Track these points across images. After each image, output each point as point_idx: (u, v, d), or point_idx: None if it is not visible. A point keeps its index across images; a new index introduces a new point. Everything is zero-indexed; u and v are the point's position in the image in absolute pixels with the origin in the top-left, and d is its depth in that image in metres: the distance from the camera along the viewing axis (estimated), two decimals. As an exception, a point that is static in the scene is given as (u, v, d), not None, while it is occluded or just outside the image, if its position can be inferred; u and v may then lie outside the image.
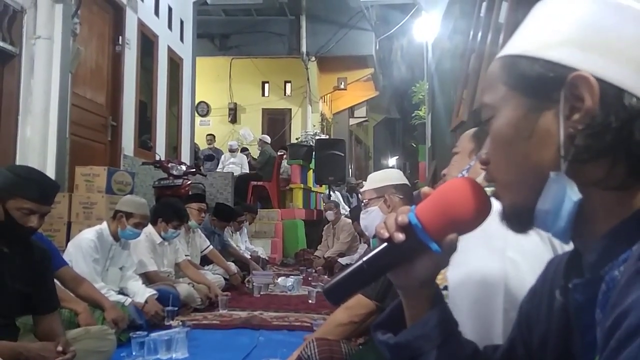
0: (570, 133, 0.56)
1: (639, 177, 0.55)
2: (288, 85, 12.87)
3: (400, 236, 0.67)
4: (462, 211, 0.67)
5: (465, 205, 0.67)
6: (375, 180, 2.29)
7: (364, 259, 0.71)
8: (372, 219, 2.20)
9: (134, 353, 2.60)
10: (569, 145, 0.56)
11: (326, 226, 7.07)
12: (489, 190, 0.67)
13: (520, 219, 0.63)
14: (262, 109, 12.83)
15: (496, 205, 0.67)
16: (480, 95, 0.88)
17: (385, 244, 0.69)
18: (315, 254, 6.85)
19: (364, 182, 7.92)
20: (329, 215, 6.73)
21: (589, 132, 0.55)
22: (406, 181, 2.30)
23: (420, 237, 0.68)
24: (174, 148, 7.56)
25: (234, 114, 12.68)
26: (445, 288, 1.04)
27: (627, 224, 0.55)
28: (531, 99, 0.59)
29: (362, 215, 2.32)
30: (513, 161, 0.61)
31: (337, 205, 7.16)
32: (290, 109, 12.83)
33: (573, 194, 0.56)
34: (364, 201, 2.35)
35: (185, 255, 4.47)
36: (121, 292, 3.34)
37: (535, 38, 0.60)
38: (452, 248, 0.69)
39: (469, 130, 1.43)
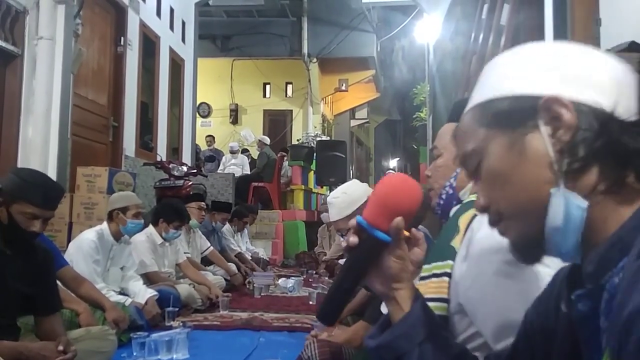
0: (559, 148, 0.59)
1: (625, 183, 0.58)
2: (289, 87, 12.87)
3: (354, 239, 0.75)
4: (395, 197, 0.76)
5: (396, 192, 0.76)
6: (342, 207, 2.10)
7: (339, 274, 0.80)
8: None
9: (134, 354, 2.60)
10: (561, 159, 0.59)
11: (321, 227, 7.07)
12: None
13: (531, 248, 0.64)
14: (263, 110, 12.84)
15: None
16: (459, 152, 0.86)
17: (351, 254, 0.77)
18: (317, 252, 6.87)
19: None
20: (324, 217, 6.71)
21: (575, 141, 0.58)
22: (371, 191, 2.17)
23: (369, 231, 0.75)
24: (175, 149, 7.57)
25: (235, 115, 12.69)
26: (445, 301, 1.05)
27: (621, 233, 0.57)
28: (512, 129, 0.63)
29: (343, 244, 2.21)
30: (513, 191, 0.63)
31: None
32: (292, 110, 12.83)
33: (579, 202, 0.58)
34: (340, 232, 2.18)
35: (185, 253, 4.47)
36: (122, 292, 3.34)
37: (496, 84, 0.66)
38: (398, 231, 0.75)
39: (447, 126, 1.32)
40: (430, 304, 1.00)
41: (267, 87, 12.88)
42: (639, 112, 0.59)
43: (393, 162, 21.54)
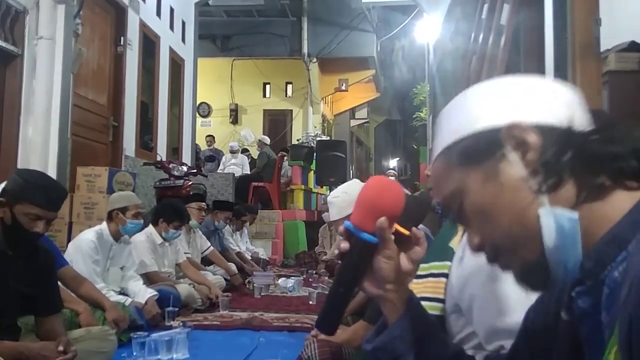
0: (532, 169, 0.61)
1: (603, 187, 0.60)
2: (289, 87, 12.88)
3: (345, 244, 0.77)
4: (377, 199, 0.77)
5: (378, 194, 0.78)
6: (342, 207, 2.11)
7: (334, 281, 0.80)
8: None
9: (134, 353, 2.60)
10: (536, 178, 0.61)
11: (322, 227, 7.08)
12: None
13: (536, 274, 0.64)
14: (263, 110, 12.85)
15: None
16: (439, 200, 0.88)
17: (344, 259, 0.79)
18: (317, 252, 6.88)
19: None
20: (325, 217, 6.72)
21: (545, 159, 0.61)
22: None
23: (357, 234, 0.77)
24: (175, 149, 7.57)
25: (235, 115, 12.70)
26: (442, 301, 1.05)
27: (617, 229, 0.58)
28: (482, 163, 0.64)
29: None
30: (501, 221, 0.63)
31: None
32: (292, 110, 12.84)
33: (569, 214, 0.59)
34: (340, 233, 2.21)
35: (185, 253, 4.47)
36: (122, 292, 3.34)
37: (457, 126, 0.68)
38: (383, 231, 0.76)
39: None
40: (427, 303, 1.01)
41: (267, 87, 12.88)
42: (593, 123, 0.63)
43: (393, 162, 21.53)
